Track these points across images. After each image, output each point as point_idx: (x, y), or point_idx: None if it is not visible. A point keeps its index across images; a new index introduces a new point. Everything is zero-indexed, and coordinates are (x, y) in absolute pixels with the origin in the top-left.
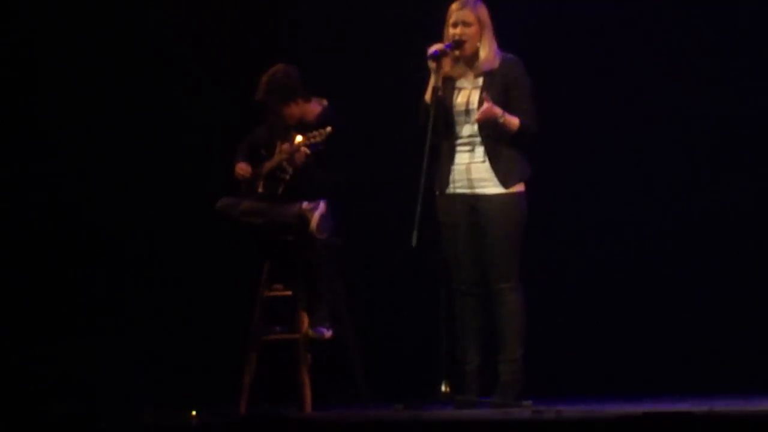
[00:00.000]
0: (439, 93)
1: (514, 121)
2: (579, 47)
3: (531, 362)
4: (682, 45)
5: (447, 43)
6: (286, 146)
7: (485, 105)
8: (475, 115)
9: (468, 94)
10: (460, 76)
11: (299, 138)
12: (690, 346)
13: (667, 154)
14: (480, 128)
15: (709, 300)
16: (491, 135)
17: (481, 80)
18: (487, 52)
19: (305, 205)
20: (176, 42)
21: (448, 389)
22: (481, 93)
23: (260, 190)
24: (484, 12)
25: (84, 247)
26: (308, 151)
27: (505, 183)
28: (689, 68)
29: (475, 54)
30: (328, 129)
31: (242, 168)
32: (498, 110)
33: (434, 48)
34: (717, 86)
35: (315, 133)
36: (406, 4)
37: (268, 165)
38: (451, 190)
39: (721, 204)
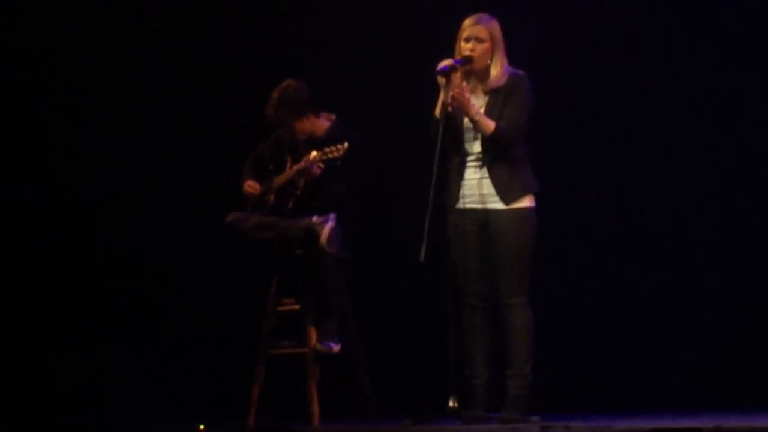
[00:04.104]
0: (449, 109)
1: (488, 124)
2: (589, 63)
3: (539, 377)
4: (692, 61)
5: (457, 58)
6: (301, 162)
7: (467, 94)
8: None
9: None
10: (470, 92)
11: (314, 153)
12: (699, 362)
13: (677, 170)
14: (482, 144)
15: (718, 316)
16: (489, 149)
17: (489, 98)
18: (498, 69)
19: (315, 219)
20: (185, 58)
21: (456, 404)
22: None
23: (271, 201)
24: (497, 29)
25: (95, 260)
26: (323, 167)
27: (504, 199)
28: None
29: (487, 70)
30: (345, 145)
31: (251, 186)
32: (475, 107)
33: (444, 63)
34: (727, 102)
35: (332, 148)
36: (418, 18)
37: (279, 179)
38: (461, 205)
39: (734, 220)
